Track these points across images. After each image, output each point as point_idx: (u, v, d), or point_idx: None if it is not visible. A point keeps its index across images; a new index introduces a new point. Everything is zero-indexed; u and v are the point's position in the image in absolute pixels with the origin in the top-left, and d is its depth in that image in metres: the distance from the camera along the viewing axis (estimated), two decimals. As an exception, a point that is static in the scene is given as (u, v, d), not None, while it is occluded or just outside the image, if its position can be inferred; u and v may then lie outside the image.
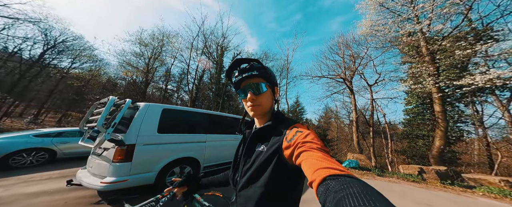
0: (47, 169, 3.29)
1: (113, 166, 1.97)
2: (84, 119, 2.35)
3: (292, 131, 0.48)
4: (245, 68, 0.56)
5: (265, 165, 0.48)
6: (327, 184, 0.28)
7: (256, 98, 0.54)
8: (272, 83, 0.58)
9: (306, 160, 0.37)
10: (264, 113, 0.57)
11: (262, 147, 0.52)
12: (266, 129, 0.54)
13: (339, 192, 0.24)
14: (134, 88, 15.09)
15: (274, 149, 0.48)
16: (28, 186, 2.38)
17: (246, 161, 0.54)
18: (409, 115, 12.75)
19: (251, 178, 0.50)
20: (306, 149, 0.39)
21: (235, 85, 0.59)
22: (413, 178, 4.72)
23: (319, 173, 0.31)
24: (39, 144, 3.69)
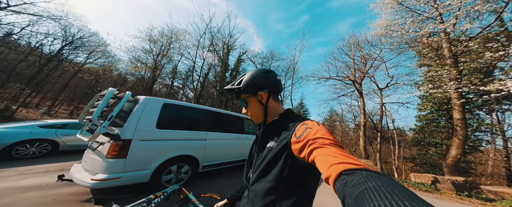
0: (47, 161, 3.27)
1: (106, 162, 1.85)
2: (84, 110, 2.26)
3: (301, 127, 0.48)
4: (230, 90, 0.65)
5: (274, 160, 0.50)
6: (343, 178, 0.27)
7: (247, 111, 0.64)
8: (253, 91, 0.61)
9: (319, 156, 0.36)
10: (260, 119, 0.63)
11: (272, 143, 0.54)
12: (274, 125, 0.57)
13: (357, 187, 0.24)
14: (142, 83, 15.44)
15: (283, 145, 0.49)
16: (23, 179, 2.33)
17: (258, 156, 0.57)
18: (422, 121, 12.07)
19: (261, 173, 0.52)
20: (318, 146, 0.39)
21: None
22: (426, 187, 4.47)
23: (334, 168, 0.30)
24: (43, 135, 3.70)
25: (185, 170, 2.51)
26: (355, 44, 10.67)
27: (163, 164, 2.23)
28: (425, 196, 3.79)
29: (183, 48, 15.37)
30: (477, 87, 4.74)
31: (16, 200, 1.76)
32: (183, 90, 20.55)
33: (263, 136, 0.58)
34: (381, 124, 10.55)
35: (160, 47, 15.35)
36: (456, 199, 3.79)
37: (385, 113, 11.16)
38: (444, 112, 10.46)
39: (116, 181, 1.84)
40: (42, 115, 14.68)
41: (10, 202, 1.72)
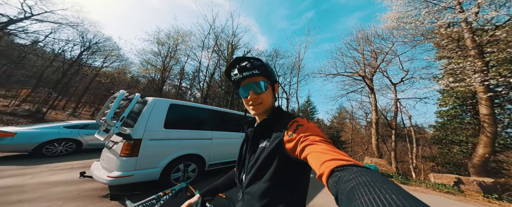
0: (72, 159, 3.61)
1: (119, 160, 1.99)
2: (100, 112, 2.44)
3: (293, 125, 0.48)
4: (245, 66, 0.55)
5: (268, 160, 0.49)
6: (336, 175, 0.28)
7: (258, 97, 0.55)
8: (272, 81, 0.59)
9: (311, 153, 0.37)
10: (265, 111, 0.58)
11: (264, 143, 0.53)
12: (266, 124, 0.55)
13: (349, 182, 0.24)
14: (153, 85, 16.17)
15: (276, 144, 0.48)
16: (52, 175, 2.61)
17: (251, 158, 0.55)
18: (443, 118, 11.12)
19: (256, 174, 0.51)
20: (310, 143, 0.39)
21: (234, 84, 0.59)
22: (447, 188, 4.15)
23: (327, 165, 0.31)
24: (67, 134, 4.09)
25: (192, 169, 2.61)
26: (364, 39, 10.09)
27: (171, 162, 2.33)
28: (446, 198, 3.55)
29: (189, 49, 15.79)
30: (507, 80, 4.22)
31: (45, 194, 1.99)
32: (190, 90, 21.22)
33: (255, 136, 0.56)
34: (396, 120, 9.93)
35: (167, 49, 15.90)
36: (483, 201, 3.50)
37: (400, 109, 10.46)
38: (469, 107, 9.52)
39: (129, 179, 1.98)
40: (68, 116, 16.16)
41: (40, 196, 1.94)
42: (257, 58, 0.57)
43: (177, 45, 15.85)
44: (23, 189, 2.05)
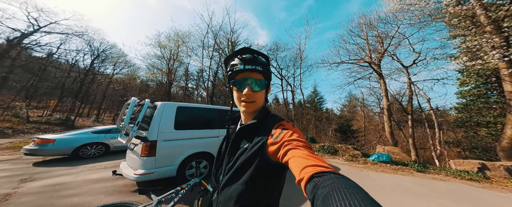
0: (103, 160, 4.17)
1: (141, 160, 2.31)
2: (119, 118, 2.74)
3: (278, 129, 0.48)
4: (249, 59, 0.52)
5: (248, 162, 0.48)
6: (314, 181, 0.29)
7: (253, 94, 0.53)
8: (268, 82, 0.58)
9: (293, 158, 0.37)
10: (255, 111, 0.56)
11: (246, 144, 0.52)
12: (253, 127, 0.53)
13: (326, 188, 0.26)
14: (161, 88, 16.85)
15: (258, 147, 0.48)
16: (91, 173, 3.11)
17: (230, 158, 0.54)
18: (465, 98, 10.23)
19: (233, 176, 0.49)
20: (293, 147, 0.40)
21: (230, 74, 0.54)
22: (470, 175, 3.87)
23: (306, 171, 0.32)
24: (96, 139, 4.66)
25: (203, 165, 2.89)
26: (367, 24, 9.42)
27: (185, 160, 2.61)
28: (468, 186, 3.32)
29: (190, 50, 15.91)
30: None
31: (88, 190, 2.42)
32: (197, 90, 21.82)
33: (237, 136, 0.55)
34: (412, 105, 9.40)
35: (169, 51, 16.23)
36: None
37: (415, 93, 9.83)
38: (495, 85, 8.63)
39: (151, 176, 2.30)
40: (93, 122, 17.85)
41: (86, 191, 2.38)
42: (265, 55, 0.55)
43: (178, 47, 16.11)
44: (72, 186, 2.52)
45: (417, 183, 3.40)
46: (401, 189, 3.00)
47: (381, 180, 3.53)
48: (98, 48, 20.27)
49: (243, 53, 0.54)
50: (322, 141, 12.69)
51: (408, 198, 2.61)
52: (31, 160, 4.02)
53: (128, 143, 2.50)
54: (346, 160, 5.53)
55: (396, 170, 4.38)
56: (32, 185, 2.52)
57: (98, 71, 21.35)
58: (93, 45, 19.91)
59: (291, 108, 17.57)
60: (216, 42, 14.24)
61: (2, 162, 3.85)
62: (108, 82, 21.86)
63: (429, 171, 4.40)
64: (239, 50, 0.54)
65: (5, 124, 11.39)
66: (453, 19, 5.15)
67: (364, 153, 6.97)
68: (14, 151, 5.21)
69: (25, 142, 7.07)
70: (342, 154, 6.23)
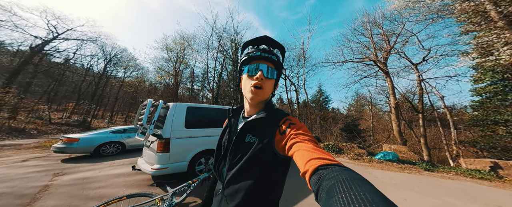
0: (122, 157, 4.53)
1: (157, 156, 2.54)
2: (135, 118, 2.98)
3: (285, 123, 0.49)
4: (266, 49, 0.54)
5: (256, 157, 0.48)
6: (319, 173, 0.29)
7: (264, 80, 0.52)
8: (279, 75, 0.58)
9: (298, 151, 0.38)
10: (260, 102, 0.56)
11: (253, 138, 0.51)
12: (260, 121, 0.52)
13: (331, 180, 0.26)
14: (169, 90, 17.44)
15: (266, 141, 0.48)
16: (112, 169, 3.43)
17: (236, 152, 0.52)
18: (480, 96, 9.71)
19: (241, 170, 0.49)
20: (299, 141, 0.41)
21: (245, 59, 0.54)
22: (482, 174, 3.79)
23: (311, 163, 0.32)
24: (113, 138, 5.05)
25: (211, 162, 3.06)
26: (371, 22, 9.26)
27: (194, 156, 2.81)
28: (478, 185, 3.24)
29: (195, 52, 16.36)
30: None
31: (113, 183, 2.71)
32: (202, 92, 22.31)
33: (243, 130, 0.54)
34: (422, 103, 9.10)
35: (176, 54, 16.78)
36: (527, 188, 3.09)
37: (426, 90, 9.49)
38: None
39: (165, 170, 2.52)
40: (107, 123, 18.89)
41: (110, 184, 2.67)
42: (282, 47, 0.56)
43: (184, 50, 16.64)
44: (97, 179, 2.83)
45: (423, 181, 3.38)
46: (404, 186, 3.01)
47: (385, 177, 3.55)
48: (110, 53, 21.44)
49: (262, 42, 0.55)
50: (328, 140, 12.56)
51: (410, 194, 2.64)
52: (59, 157, 4.46)
53: (145, 140, 2.75)
54: (350, 158, 5.54)
55: (402, 169, 4.35)
56: (65, 178, 2.86)
57: (110, 74, 22.56)
58: (105, 50, 21.08)
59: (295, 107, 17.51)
60: (220, 44, 14.57)
61: (35, 159, 4.32)
62: (120, 85, 23.01)
63: (438, 170, 4.32)
64: (259, 38, 0.54)
65: (30, 125, 12.43)
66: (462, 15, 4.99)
67: (370, 152, 6.89)
68: (42, 149, 5.76)
69: (49, 141, 7.73)
70: (347, 153, 6.23)
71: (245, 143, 0.52)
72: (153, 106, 2.80)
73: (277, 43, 0.55)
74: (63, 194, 2.25)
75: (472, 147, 10.11)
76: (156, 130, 2.67)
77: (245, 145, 0.52)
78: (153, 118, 2.58)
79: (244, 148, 0.51)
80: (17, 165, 3.68)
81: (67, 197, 2.17)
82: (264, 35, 0.55)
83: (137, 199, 1.35)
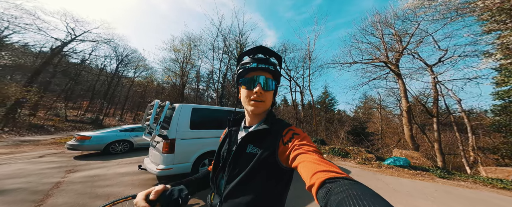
0: (129, 156, 4.67)
1: (162, 156, 2.56)
2: (143, 118, 3.05)
3: (288, 134, 0.48)
4: (264, 59, 0.53)
5: (258, 169, 0.46)
6: (327, 187, 0.28)
7: (264, 93, 0.51)
8: (278, 84, 0.57)
9: (303, 163, 0.37)
10: (263, 111, 0.55)
11: (255, 149, 0.49)
12: (264, 131, 0.51)
13: (340, 194, 0.25)
14: (175, 90, 17.88)
15: (269, 152, 0.47)
16: (120, 167, 3.54)
17: (236, 164, 0.50)
18: (503, 99, 9.00)
19: (241, 182, 0.47)
20: (303, 152, 0.39)
21: (241, 71, 0.54)
22: (504, 184, 3.53)
23: (318, 176, 0.31)
24: (122, 137, 5.22)
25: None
26: (382, 22, 8.89)
27: (199, 157, 2.81)
28: (501, 195, 3.02)
29: (201, 53, 16.62)
30: None
31: (119, 182, 2.79)
32: (207, 92, 22.68)
33: (244, 141, 0.52)
34: (437, 106, 8.60)
35: (183, 55, 17.17)
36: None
37: (441, 93, 8.96)
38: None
39: (170, 171, 2.54)
40: (117, 121, 19.70)
41: (117, 182, 2.75)
42: (279, 56, 0.55)
43: (190, 51, 17.01)
44: (106, 178, 2.93)
45: (438, 189, 3.18)
46: (417, 194, 2.84)
47: (397, 184, 3.36)
48: (122, 53, 22.47)
49: (257, 52, 0.54)
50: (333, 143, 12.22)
51: (425, 203, 2.47)
52: (72, 154, 4.69)
53: (152, 140, 2.81)
54: (358, 163, 5.33)
55: (414, 175, 4.11)
56: (76, 175, 2.99)
57: (122, 74, 23.59)
58: (118, 51, 22.10)
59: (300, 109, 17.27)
60: (225, 45, 14.71)
61: (51, 155, 4.57)
62: (130, 85, 23.99)
63: (454, 178, 4.04)
64: (254, 49, 0.53)
65: (48, 122, 13.24)
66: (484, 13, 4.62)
67: (379, 157, 6.61)
68: (58, 146, 6.10)
69: (64, 138, 8.18)
70: (354, 157, 6.01)
71: (246, 154, 0.50)
72: (160, 106, 2.84)
73: (273, 52, 0.54)
74: (73, 192, 2.34)
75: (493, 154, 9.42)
76: (162, 130, 2.70)
77: (246, 155, 0.50)
78: (160, 119, 2.62)
79: (245, 159, 0.49)
80: (34, 160, 3.91)
81: (77, 194, 2.26)
82: (259, 45, 0.54)
83: None
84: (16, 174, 2.90)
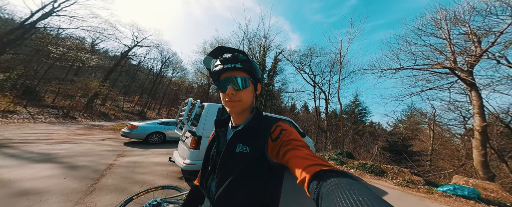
0: (162, 147, 5.25)
1: (189, 151, 2.69)
2: (177, 113, 3.34)
3: (276, 130, 0.48)
4: (228, 58, 0.50)
5: (249, 167, 0.46)
6: (317, 179, 0.29)
7: (237, 93, 0.50)
8: (255, 79, 0.54)
9: (293, 158, 0.37)
10: (243, 110, 0.53)
11: (245, 148, 0.48)
12: (250, 129, 0.51)
13: (329, 186, 0.26)
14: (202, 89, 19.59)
15: (259, 150, 0.47)
16: (154, 157, 3.99)
17: (226, 164, 0.49)
18: None
19: (233, 183, 0.45)
20: (293, 147, 0.40)
21: (213, 75, 0.53)
22: None
23: (309, 170, 0.31)
24: (159, 129, 5.94)
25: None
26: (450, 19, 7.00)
27: (221, 156, 2.86)
28: None
29: None
30: None
31: (152, 170, 3.11)
32: (229, 92, 24.03)
33: (232, 140, 0.51)
34: (531, 128, 6.16)
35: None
36: None
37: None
38: None
39: (194, 166, 2.64)
40: (156, 115, 23.08)
41: (151, 171, 3.07)
42: (242, 51, 0.52)
43: None
44: (142, 165, 3.33)
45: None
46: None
47: None
48: (165, 56, 26.51)
49: (222, 52, 0.52)
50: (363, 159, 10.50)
51: None
52: (123, 140, 5.65)
53: (183, 135, 3.02)
54: (397, 184, 4.43)
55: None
56: (123, 160, 3.52)
57: (163, 74, 27.76)
58: (163, 54, 26.17)
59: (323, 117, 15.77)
60: (249, 48, 15.09)
61: (110, 139, 5.66)
62: (168, 84, 27.96)
63: None
64: (216, 50, 0.52)
65: (111, 111, 16.72)
66: None
67: (429, 181, 5.36)
68: (115, 132, 7.51)
69: (119, 126, 10.07)
70: (392, 177, 5.01)
71: (236, 154, 0.49)
72: (192, 104, 3.04)
73: (234, 49, 0.52)
74: (119, 175, 2.72)
75: None
76: (192, 127, 2.85)
77: (236, 155, 0.49)
78: (191, 116, 2.79)
79: (235, 158, 0.48)
80: (99, 143, 4.90)
81: (121, 178, 2.61)
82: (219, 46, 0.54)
83: (169, 191, 1.42)
84: (86, 153, 3.67)
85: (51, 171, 2.54)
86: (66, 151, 3.63)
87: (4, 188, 1.90)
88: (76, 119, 10.96)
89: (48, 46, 11.29)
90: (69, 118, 10.36)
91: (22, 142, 3.93)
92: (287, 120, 4.42)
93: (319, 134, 14.17)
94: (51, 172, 2.49)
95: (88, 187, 2.18)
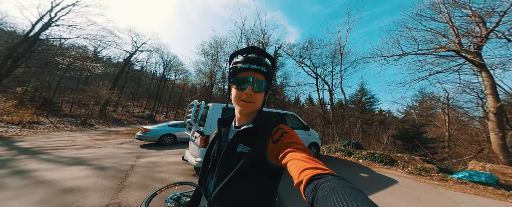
0: (174, 148, 5.63)
1: (200, 150, 2.94)
2: (184, 115, 3.58)
3: (278, 132, 0.48)
4: (256, 59, 0.52)
5: (248, 167, 0.47)
6: (313, 183, 0.29)
7: (254, 95, 0.51)
8: (269, 86, 0.57)
9: (292, 160, 0.38)
10: (252, 111, 0.55)
11: (245, 148, 0.50)
12: (252, 130, 0.51)
13: (325, 189, 0.26)
14: (205, 90, 19.94)
15: (259, 150, 0.47)
16: (169, 157, 4.35)
17: (226, 163, 0.50)
18: None
19: (231, 182, 0.46)
20: (292, 150, 0.40)
21: (233, 71, 0.53)
22: None
23: (305, 173, 0.32)
24: (169, 131, 6.33)
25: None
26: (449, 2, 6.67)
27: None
28: None
29: (227, 55, 17.89)
30: None
31: (169, 169, 3.43)
32: (231, 92, 24.17)
33: (234, 140, 0.52)
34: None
35: (211, 58, 18.97)
36: None
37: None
38: None
39: None
40: (164, 118, 23.97)
41: (167, 170, 3.39)
42: (271, 57, 0.55)
43: (217, 53, 18.61)
44: (159, 165, 3.68)
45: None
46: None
47: (472, 203, 2.64)
48: (166, 60, 27.05)
49: (249, 52, 0.53)
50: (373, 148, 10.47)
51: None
52: (139, 143, 6.11)
53: (192, 135, 3.30)
54: (409, 173, 4.43)
55: (504, 196, 3.06)
56: (142, 161, 3.90)
57: (166, 78, 28.47)
58: (163, 58, 26.69)
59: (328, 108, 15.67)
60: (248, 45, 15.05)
61: (127, 143, 6.14)
62: (172, 87, 28.68)
63: None
64: (246, 49, 0.53)
65: (123, 117, 17.61)
66: None
67: (443, 168, 5.22)
68: (130, 136, 8.06)
69: (133, 130, 10.70)
70: (403, 165, 4.98)
71: (236, 153, 0.50)
72: (197, 106, 3.26)
73: (266, 53, 0.54)
74: (141, 173, 3.07)
75: None
76: (200, 127, 3.09)
77: (236, 155, 0.50)
78: (198, 116, 3.02)
79: (235, 158, 0.49)
80: (118, 146, 5.36)
81: (143, 176, 2.95)
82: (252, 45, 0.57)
83: (185, 187, 1.58)
84: (109, 155, 4.09)
85: (84, 172, 2.93)
86: (91, 154, 4.07)
87: (53, 187, 2.29)
88: (94, 125, 11.74)
89: (55, 58, 11.79)
90: (87, 125, 11.13)
91: (53, 148, 4.42)
92: (290, 114, 4.59)
93: (325, 126, 14.18)
94: (85, 173, 2.88)
95: (118, 185, 2.52)
